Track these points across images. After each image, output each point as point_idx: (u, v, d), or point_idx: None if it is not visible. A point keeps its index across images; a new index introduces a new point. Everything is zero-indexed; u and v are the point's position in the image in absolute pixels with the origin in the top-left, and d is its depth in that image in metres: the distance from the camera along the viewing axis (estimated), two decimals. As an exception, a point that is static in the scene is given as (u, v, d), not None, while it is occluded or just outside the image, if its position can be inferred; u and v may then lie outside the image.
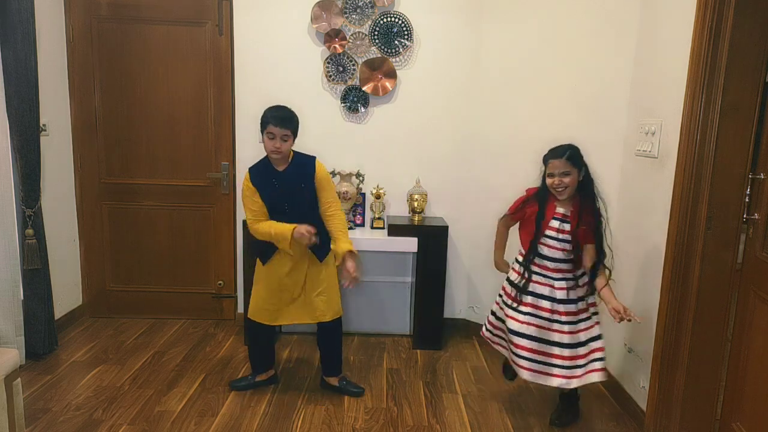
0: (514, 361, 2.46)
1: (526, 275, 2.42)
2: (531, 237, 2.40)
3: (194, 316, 3.70)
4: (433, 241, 3.25)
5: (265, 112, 2.49)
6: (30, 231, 2.92)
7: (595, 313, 2.48)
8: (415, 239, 3.20)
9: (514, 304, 2.44)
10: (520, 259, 2.48)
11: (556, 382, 2.38)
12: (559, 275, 2.40)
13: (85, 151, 3.54)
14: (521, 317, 2.40)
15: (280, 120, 2.43)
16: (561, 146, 2.36)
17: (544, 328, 2.39)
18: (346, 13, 3.33)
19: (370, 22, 3.34)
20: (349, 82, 3.41)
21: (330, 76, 3.40)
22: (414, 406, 2.69)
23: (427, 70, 3.40)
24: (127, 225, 3.62)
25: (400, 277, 3.49)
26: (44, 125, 3.15)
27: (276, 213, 2.54)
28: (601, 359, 2.39)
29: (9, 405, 2.08)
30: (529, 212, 2.44)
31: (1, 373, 2.04)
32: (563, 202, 2.38)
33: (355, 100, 3.43)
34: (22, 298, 2.86)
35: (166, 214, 3.61)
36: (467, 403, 2.73)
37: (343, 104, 3.44)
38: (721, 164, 2.17)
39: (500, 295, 2.59)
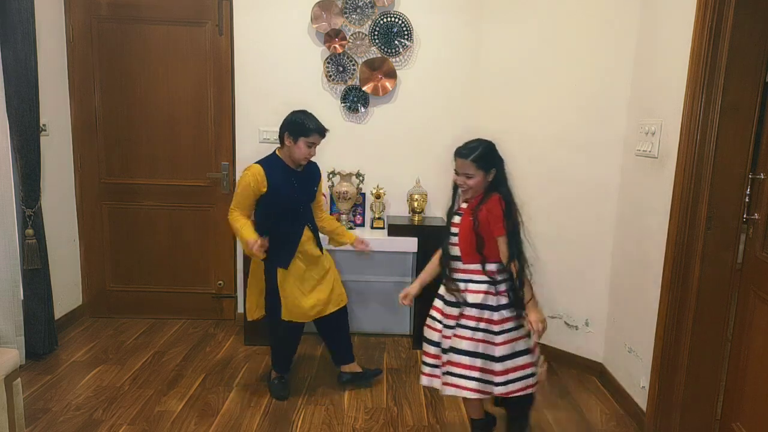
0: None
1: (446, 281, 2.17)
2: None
3: (194, 316, 3.69)
4: (433, 241, 3.22)
5: (302, 118, 2.56)
6: (30, 231, 2.92)
7: (505, 331, 2.07)
8: (415, 239, 3.20)
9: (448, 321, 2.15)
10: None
11: (423, 380, 2.20)
12: (461, 275, 2.12)
13: (85, 151, 3.54)
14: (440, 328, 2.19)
15: (323, 132, 2.59)
16: (471, 144, 2.11)
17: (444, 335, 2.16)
18: (346, 13, 3.33)
19: (370, 22, 3.34)
20: (349, 82, 3.41)
21: (330, 76, 3.40)
22: (414, 406, 2.69)
23: (427, 70, 3.40)
24: (127, 225, 3.63)
25: (400, 277, 3.49)
26: (44, 125, 3.15)
27: (290, 212, 2.61)
28: (464, 377, 2.05)
29: (9, 405, 2.08)
30: None
31: (1, 373, 2.04)
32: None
33: (355, 100, 3.43)
34: (22, 298, 2.86)
35: (166, 214, 3.61)
36: (467, 403, 2.73)
37: (343, 104, 3.44)
38: (721, 164, 2.16)
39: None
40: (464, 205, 2.17)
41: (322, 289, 2.69)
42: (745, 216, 2.17)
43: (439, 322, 2.18)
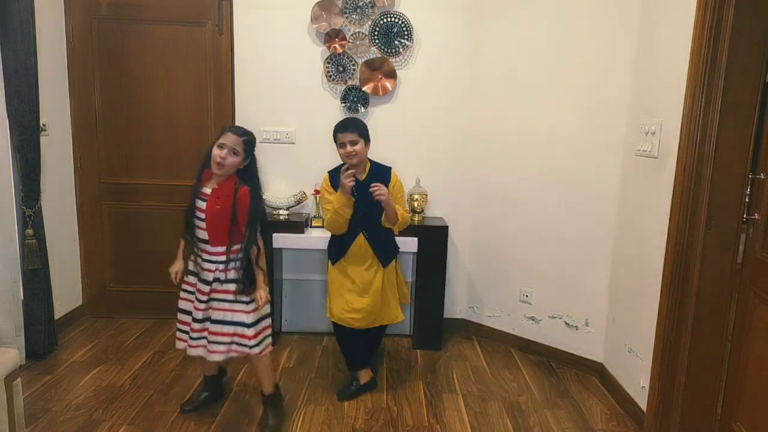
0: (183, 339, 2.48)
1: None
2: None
3: (194, 316, 3.69)
4: (433, 241, 3.25)
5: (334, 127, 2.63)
6: (30, 231, 2.92)
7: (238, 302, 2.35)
8: (415, 239, 3.20)
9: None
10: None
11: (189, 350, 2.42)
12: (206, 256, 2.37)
13: (85, 151, 3.54)
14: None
15: (343, 127, 2.57)
16: (238, 128, 2.37)
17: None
18: (346, 13, 3.33)
19: (370, 22, 3.34)
20: (349, 82, 3.41)
21: (330, 76, 3.40)
22: (414, 406, 2.69)
23: (427, 70, 3.40)
24: (127, 225, 3.62)
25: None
26: (44, 125, 3.15)
27: (353, 218, 2.60)
28: (223, 343, 2.35)
29: (9, 405, 2.08)
30: None
31: (1, 373, 2.04)
32: (211, 182, 2.36)
33: (355, 100, 3.43)
34: (22, 298, 2.86)
35: (166, 214, 3.61)
36: (467, 403, 2.73)
37: (343, 104, 3.44)
38: (721, 164, 2.17)
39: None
40: (208, 190, 2.34)
41: (363, 302, 2.63)
42: (745, 216, 2.17)
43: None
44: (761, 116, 2.18)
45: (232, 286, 2.34)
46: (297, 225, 3.25)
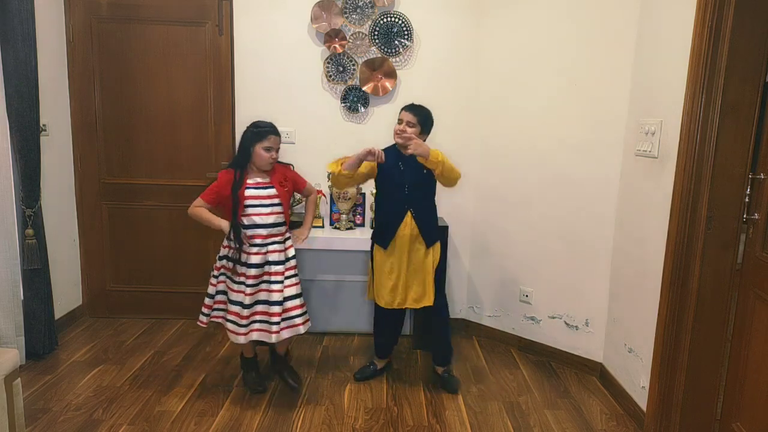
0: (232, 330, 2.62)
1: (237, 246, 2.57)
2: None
3: (194, 316, 3.66)
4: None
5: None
6: (30, 231, 2.92)
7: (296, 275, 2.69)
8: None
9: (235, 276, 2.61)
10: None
11: (254, 336, 2.58)
12: (271, 240, 2.59)
13: (85, 151, 3.54)
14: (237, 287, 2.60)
15: (410, 107, 2.65)
16: (275, 128, 2.63)
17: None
18: (346, 13, 3.33)
19: (370, 22, 3.34)
20: (349, 82, 3.41)
21: (330, 76, 3.40)
22: (414, 406, 2.69)
23: (427, 70, 3.41)
24: (127, 225, 3.63)
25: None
26: (44, 125, 3.15)
27: (395, 194, 2.68)
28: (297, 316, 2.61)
29: (9, 405, 2.08)
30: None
31: (1, 373, 2.04)
32: (257, 174, 2.60)
33: (355, 100, 3.43)
34: (22, 298, 2.86)
35: (166, 214, 3.61)
36: (467, 403, 2.73)
37: (343, 104, 3.44)
38: (721, 164, 2.16)
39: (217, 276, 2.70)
40: (263, 179, 2.60)
41: (410, 281, 2.71)
42: (745, 216, 2.17)
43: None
44: (761, 116, 2.18)
45: (293, 262, 2.67)
46: (297, 225, 3.24)
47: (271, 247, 2.58)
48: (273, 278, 2.57)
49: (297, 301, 2.63)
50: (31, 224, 2.93)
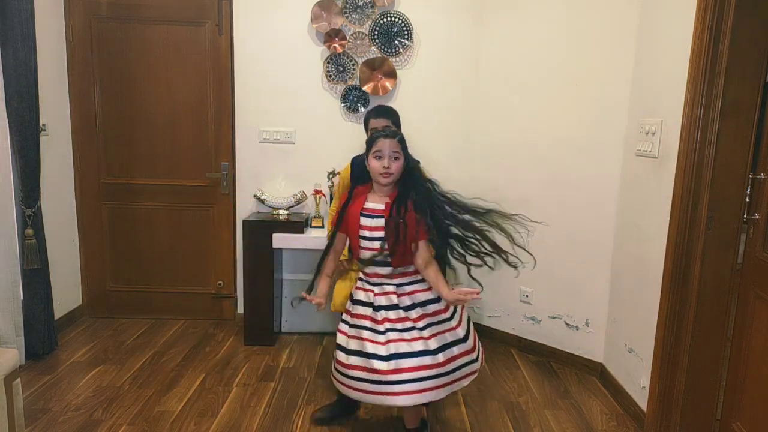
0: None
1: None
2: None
3: (194, 316, 3.69)
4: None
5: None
6: (30, 231, 2.92)
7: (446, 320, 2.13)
8: (415, 239, 3.19)
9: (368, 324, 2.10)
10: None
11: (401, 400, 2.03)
12: (377, 279, 2.11)
13: (85, 151, 3.54)
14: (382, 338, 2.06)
15: (378, 112, 2.54)
16: (387, 131, 2.13)
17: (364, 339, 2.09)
18: (346, 12, 3.33)
19: (370, 22, 3.34)
20: (349, 82, 3.41)
21: (330, 76, 3.40)
22: (414, 406, 2.68)
23: (427, 69, 3.40)
24: (127, 225, 3.62)
25: (400, 277, 3.49)
26: (44, 125, 3.15)
27: None
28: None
29: (9, 405, 2.08)
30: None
31: (0, 373, 2.04)
32: (377, 196, 2.12)
33: (355, 100, 3.43)
34: (21, 298, 2.86)
35: (166, 214, 3.61)
36: (467, 403, 2.73)
37: (343, 104, 3.44)
38: (721, 164, 2.16)
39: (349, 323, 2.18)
40: (380, 205, 2.09)
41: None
42: (745, 216, 2.17)
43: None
44: (761, 116, 2.18)
45: (438, 304, 2.10)
46: (297, 225, 3.24)
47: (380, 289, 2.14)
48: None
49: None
50: (31, 224, 2.93)
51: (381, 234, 2.05)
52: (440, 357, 2.03)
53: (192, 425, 2.46)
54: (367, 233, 2.07)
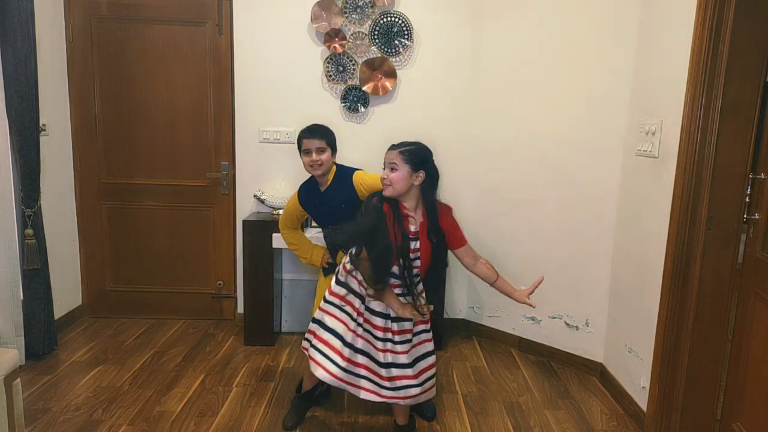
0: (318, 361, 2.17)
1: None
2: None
3: (194, 316, 3.69)
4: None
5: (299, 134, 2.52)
6: (30, 231, 2.92)
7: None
8: (415, 239, 3.19)
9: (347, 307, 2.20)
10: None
11: (363, 394, 2.16)
12: (399, 290, 2.17)
13: (84, 151, 3.54)
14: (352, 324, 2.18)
15: (310, 131, 2.47)
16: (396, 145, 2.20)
17: (370, 344, 2.18)
18: (346, 12, 3.33)
19: (370, 22, 3.34)
20: (349, 82, 3.41)
21: (330, 75, 3.40)
22: (414, 406, 2.68)
23: (427, 69, 3.40)
24: (127, 225, 3.62)
25: (400, 277, 3.49)
26: (44, 125, 3.15)
27: (323, 230, 2.63)
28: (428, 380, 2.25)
29: (9, 405, 2.08)
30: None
31: (0, 373, 2.04)
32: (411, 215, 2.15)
33: (355, 100, 3.43)
34: (21, 298, 2.86)
35: (166, 214, 3.61)
36: (467, 403, 2.73)
37: (343, 104, 3.44)
38: (722, 164, 2.16)
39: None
40: (413, 227, 2.15)
41: None
42: (745, 216, 2.17)
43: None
44: (761, 116, 2.18)
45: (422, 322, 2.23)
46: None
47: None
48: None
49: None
50: (31, 224, 2.93)
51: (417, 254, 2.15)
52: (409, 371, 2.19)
53: (192, 425, 2.46)
54: (412, 255, 2.14)
